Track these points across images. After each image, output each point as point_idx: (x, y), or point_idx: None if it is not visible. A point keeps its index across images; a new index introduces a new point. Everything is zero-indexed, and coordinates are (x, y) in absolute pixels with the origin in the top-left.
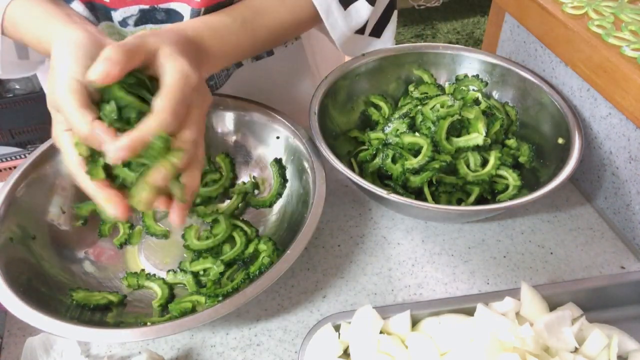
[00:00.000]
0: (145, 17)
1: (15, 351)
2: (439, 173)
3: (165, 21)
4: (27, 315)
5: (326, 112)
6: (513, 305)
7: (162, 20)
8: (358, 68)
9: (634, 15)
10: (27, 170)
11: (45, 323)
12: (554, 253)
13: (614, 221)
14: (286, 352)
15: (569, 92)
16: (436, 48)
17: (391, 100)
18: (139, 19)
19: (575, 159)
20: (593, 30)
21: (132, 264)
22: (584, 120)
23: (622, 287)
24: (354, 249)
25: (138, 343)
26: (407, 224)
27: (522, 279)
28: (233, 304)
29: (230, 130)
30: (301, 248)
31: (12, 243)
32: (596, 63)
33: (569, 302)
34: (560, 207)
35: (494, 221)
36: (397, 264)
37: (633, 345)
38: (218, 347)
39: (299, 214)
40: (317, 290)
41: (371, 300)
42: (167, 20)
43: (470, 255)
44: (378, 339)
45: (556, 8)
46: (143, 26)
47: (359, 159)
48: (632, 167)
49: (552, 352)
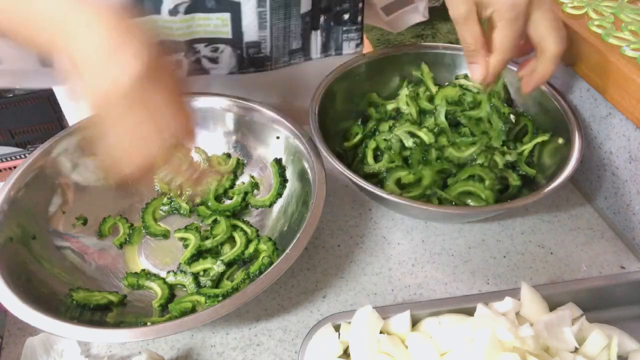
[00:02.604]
0: (195, 5)
1: (15, 351)
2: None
3: (214, 10)
4: (27, 315)
5: (326, 112)
6: (513, 305)
7: (211, 9)
8: (358, 68)
9: (634, 15)
10: (27, 170)
11: (45, 323)
12: (554, 253)
13: (614, 221)
14: (286, 352)
15: (569, 92)
16: (436, 48)
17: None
18: (190, 6)
19: (575, 159)
20: (593, 30)
21: (132, 264)
22: (584, 120)
23: (622, 287)
24: (354, 249)
25: (138, 343)
26: (407, 224)
27: (522, 279)
28: (233, 304)
29: (230, 130)
30: (301, 248)
31: (12, 243)
32: (596, 63)
33: (569, 302)
34: (560, 207)
35: (494, 221)
36: (397, 264)
37: (633, 345)
38: (218, 347)
39: (299, 214)
40: (317, 290)
41: (371, 300)
42: (216, 10)
43: (470, 255)
44: (378, 339)
45: (556, 8)
46: (191, 15)
47: (345, 146)
48: (632, 167)
49: (552, 352)
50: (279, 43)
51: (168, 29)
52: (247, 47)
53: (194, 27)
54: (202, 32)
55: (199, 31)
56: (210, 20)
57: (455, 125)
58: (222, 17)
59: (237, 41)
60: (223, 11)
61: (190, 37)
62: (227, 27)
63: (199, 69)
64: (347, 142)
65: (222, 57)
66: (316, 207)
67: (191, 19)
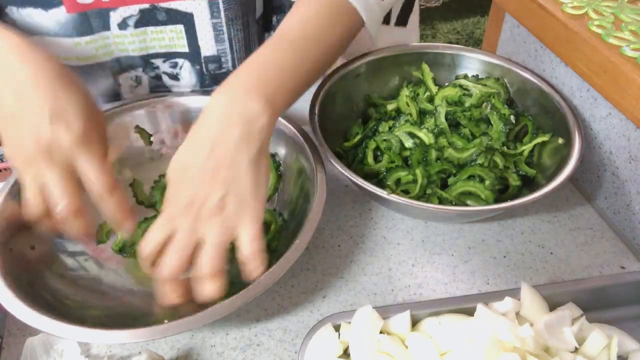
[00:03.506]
0: (145, 18)
1: (15, 351)
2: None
3: (165, 22)
4: (26, 315)
5: (326, 112)
6: (513, 305)
7: (162, 21)
8: (358, 68)
9: (634, 15)
10: None
11: (44, 323)
12: (554, 253)
13: (614, 221)
14: (286, 352)
15: (569, 92)
16: (436, 48)
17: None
18: (139, 20)
19: (575, 159)
20: (593, 30)
21: (132, 267)
22: (584, 120)
23: (622, 287)
24: (354, 249)
25: (138, 343)
26: (407, 224)
27: (522, 279)
28: (233, 304)
29: None
30: (302, 247)
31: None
32: (596, 63)
33: (569, 302)
34: (560, 207)
35: (494, 221)
36: (397, 264)
37: (633, 345)
38: (218, 347)
39: (299, 212)
40: (317, 290)
41: (371, 300)
42: (168, 22)
43: (470, 255)
44: (378, 339)
45: (556, 8)
46: (143, 28)
47: (344, 146)
48: (632, 167)
49: (552, 352)
50: (241, 55)
51: (120, 44)
52: (207, 62)
53: (148, 42)
54: (157, 46)
55: (154, 45)
56: (164, 34)
57: (455, 126)
58: (176, 29)
59: (195, 55)
60: (175, 23)
61: (145, 51)
62: (183, 39)
63: (160, 85)
64: (347, 142)
65: (181, 73)
66: (317, 206)
67: (143, 33)
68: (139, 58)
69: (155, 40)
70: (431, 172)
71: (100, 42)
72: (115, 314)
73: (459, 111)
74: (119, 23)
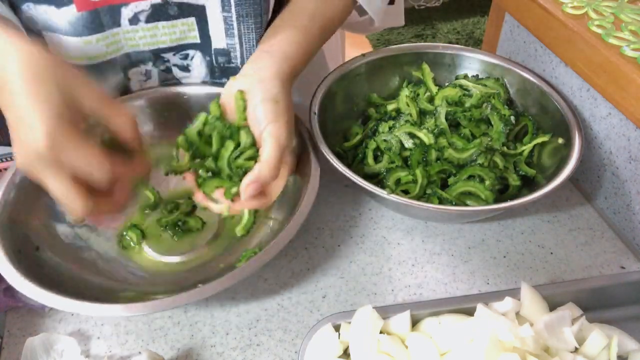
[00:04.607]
0: (157, 13)
1: (15, 351)
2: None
3: (177, 17)
4: (24, 286)
5: (326, 112)
6: (513, 305)
7: (174, 15)
8: (358, 68)
9: (634, 15)
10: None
11: (40, 294)
12: (554, 253)
13: (614, 221)
14: (286, 352)
15: (569, 92)
16: (436, 48)
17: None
18: (151, 14)
19: (575, 159)
20: (593, 30)
21: (136, 255)
22: (584, 120)
23: (622, 287)
24: (354, 249)
25: (138, 343)
26: (407, 224)
27: (522, 279)
28: (230, 280)
29: None
30: (296, 227)
31: None
32: (596, 63)
33: (569, 302)
34: (560, 207)
35: (494, 221)
36: (397, 264)
37: (633, 345)
38: (218, 347)
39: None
40: (317, 290)
41: (371, 300)
42: (180, 16)
43: (470, 255)
44: (378, 339)
45: (556, 8)
46: (154, 23)
47: (344, 147)
48: (632, 167)
49: (552, 352)
50: (251, 54)
51: (131, 40)
52: (217, 55)
53: (159, 36)
54: (168, 40)
55: (165, 40)
56: (175, 27)
57: (455, 126)
58: (188, 22)
59: (206, 46)
60: (187, 16)
61: (156, 46)
62: (195, 31)
63: (170, 78)
64: (347, 142)
65: (192, 64)
66: (311, 189)
67: (155, 27)
68: (149, 52)
69: (166, 34)
70: (431, 172)
71: (111, 38)
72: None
73: (459, 111)
74: (130, 18)
